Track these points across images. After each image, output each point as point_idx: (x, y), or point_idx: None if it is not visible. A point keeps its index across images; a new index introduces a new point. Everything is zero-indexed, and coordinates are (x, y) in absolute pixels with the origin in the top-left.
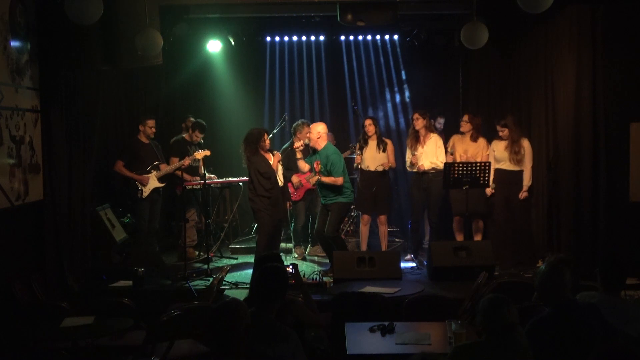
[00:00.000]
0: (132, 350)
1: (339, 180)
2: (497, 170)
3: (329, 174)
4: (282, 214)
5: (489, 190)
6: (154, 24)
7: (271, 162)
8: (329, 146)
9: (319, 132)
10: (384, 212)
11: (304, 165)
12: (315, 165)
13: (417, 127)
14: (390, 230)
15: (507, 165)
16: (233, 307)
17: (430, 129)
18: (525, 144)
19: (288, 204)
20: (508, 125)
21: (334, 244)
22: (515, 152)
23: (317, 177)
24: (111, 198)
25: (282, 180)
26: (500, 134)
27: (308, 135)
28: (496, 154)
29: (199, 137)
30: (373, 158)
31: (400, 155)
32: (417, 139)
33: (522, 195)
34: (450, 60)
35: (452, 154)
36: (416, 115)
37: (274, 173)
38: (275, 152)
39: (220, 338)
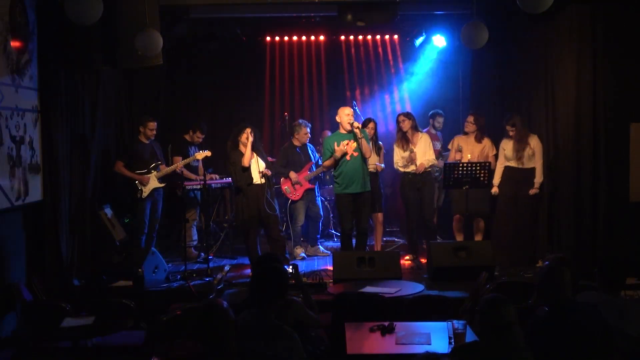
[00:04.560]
0: (132, 350)
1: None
2: (507, 168)
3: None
4: (257, 211)
5: (494, 190)
6: (154, 24)
7: (246, 157)
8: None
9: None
10: (380, 210)
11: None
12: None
13: (404, 129)
14: (390, 230)
15: (516, 163)
16: (215, 307)
17: (417, 128)
18: (534, 141)
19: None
20: (516, 125)
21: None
22: (524, 149)
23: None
24: (111, 198)
25: (260, 176)
26: (510, 133)
27: (307, 135)
28: (506, 153)
29: (200, 137)
30: (372, 160)
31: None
32: (406, 140)
33: (533, 191)
34: (450, 60)
35: (460, 151)
36: (401, 118)
37: (248, 168)
38: (245, 133)
39: (207, 337)
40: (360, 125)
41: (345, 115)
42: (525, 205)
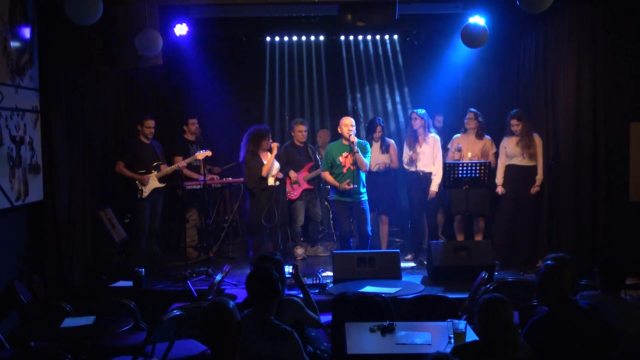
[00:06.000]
0: (132, 350)
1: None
2: (508, 167)
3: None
4: (272, 212)
5: (500, 190)
6: (153, 24)
7: (266, 161)
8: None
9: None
10: (385, 212)
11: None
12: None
13: (415, 127)
14: (390, 230)
15: (519, 161)
16: (220, 307)
17: (428, 128)
18: (537, 138)
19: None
20: (522, 119)
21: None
22: (527, 146)
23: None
24: (111, 198)
25: (274, 180)
26: (515, 127)
27: (301, 133)
28: (508, 151)
29: (194, 124)
30: (375, 159)
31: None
32: (415, 139)
33: (534, 190)
34: (450, 60)
35: (459, 150)
36: (414, 115)
37: (265, 171)
38: (273, 144)
39: (212, 337)
40: (355, 140)
41: (344, 126)
42: (527, 204)
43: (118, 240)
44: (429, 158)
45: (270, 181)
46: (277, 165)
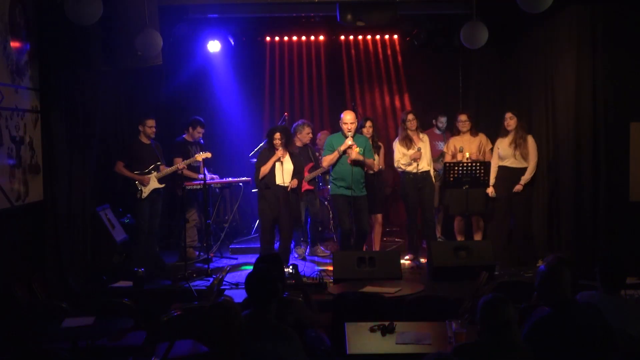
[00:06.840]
0: (132, 350)
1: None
2: (501, 168)
3: None
4: (280, 212)
5: (490, 190)
6: (153, 24)
7: (266, 167)
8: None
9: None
10: (376, 212)
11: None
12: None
13: (412, 128)
14: (390, 230)
15: (511, 162)
16: (225, 308)
17: (420, 129)
18: (530, 140)
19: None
20: (516, 116)
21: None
22: (521, 145)
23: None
24: (111, 198)
25: (288, 180)
26: (508, 121)
27: (308, 135)
28: (500, 152)
29: (200, 132)
30: None
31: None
32: (409, 139)
33: (517, 188)
34: (450, 60)
35: (461, 151)
36: (411, 116)
37: (272, 169)
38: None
39: (214, 338)
40: (351, 145)
41: (343, 124)
42: (519, 204)
43: (118, 241)
44: (427, 157)
45: (279, 180)
46: (289, 169)
